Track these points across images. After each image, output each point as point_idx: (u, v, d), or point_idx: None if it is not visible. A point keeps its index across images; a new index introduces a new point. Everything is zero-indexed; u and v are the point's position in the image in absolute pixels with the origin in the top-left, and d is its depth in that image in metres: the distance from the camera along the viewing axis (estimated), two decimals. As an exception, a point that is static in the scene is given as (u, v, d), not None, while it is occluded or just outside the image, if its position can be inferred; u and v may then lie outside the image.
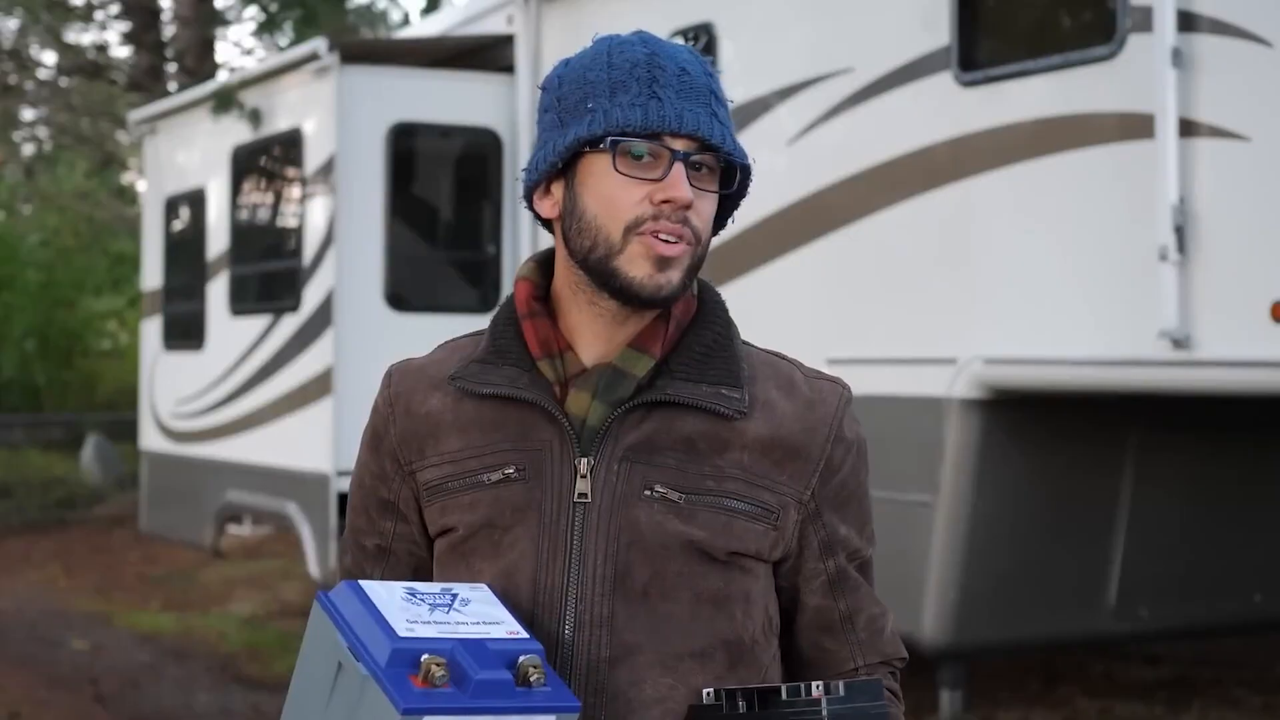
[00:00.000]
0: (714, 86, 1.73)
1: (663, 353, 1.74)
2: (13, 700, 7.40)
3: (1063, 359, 5.63)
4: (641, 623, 1.69)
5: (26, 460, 17.36)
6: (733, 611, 1.72)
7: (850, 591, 1.80)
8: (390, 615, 1.56)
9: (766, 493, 1.73)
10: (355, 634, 1.56)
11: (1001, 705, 6.81)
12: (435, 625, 1.58)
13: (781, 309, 6.57)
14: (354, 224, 8.61)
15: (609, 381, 1.72)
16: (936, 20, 6.05)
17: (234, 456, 9.89)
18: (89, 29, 17.75)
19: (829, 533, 1.78)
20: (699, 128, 1.68)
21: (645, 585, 1.70)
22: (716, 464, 1.72)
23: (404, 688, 1.50)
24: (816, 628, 1.81)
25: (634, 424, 1.72)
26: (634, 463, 1.71)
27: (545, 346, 1.75)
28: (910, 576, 5.96)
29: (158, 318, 11.28)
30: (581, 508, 1.71)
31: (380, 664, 1.52)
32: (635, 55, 1.72)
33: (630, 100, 1.69)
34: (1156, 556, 6.31)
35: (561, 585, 1.70)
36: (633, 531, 1.70)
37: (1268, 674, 7.48)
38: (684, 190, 1.68)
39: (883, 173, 6.29)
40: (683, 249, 1.70)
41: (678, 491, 1.70)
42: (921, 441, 6.03)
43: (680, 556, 1.70)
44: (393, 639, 1.53)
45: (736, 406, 1.72)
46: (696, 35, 7.23)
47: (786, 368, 1.80)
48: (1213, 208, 5.18)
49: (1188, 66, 5.20)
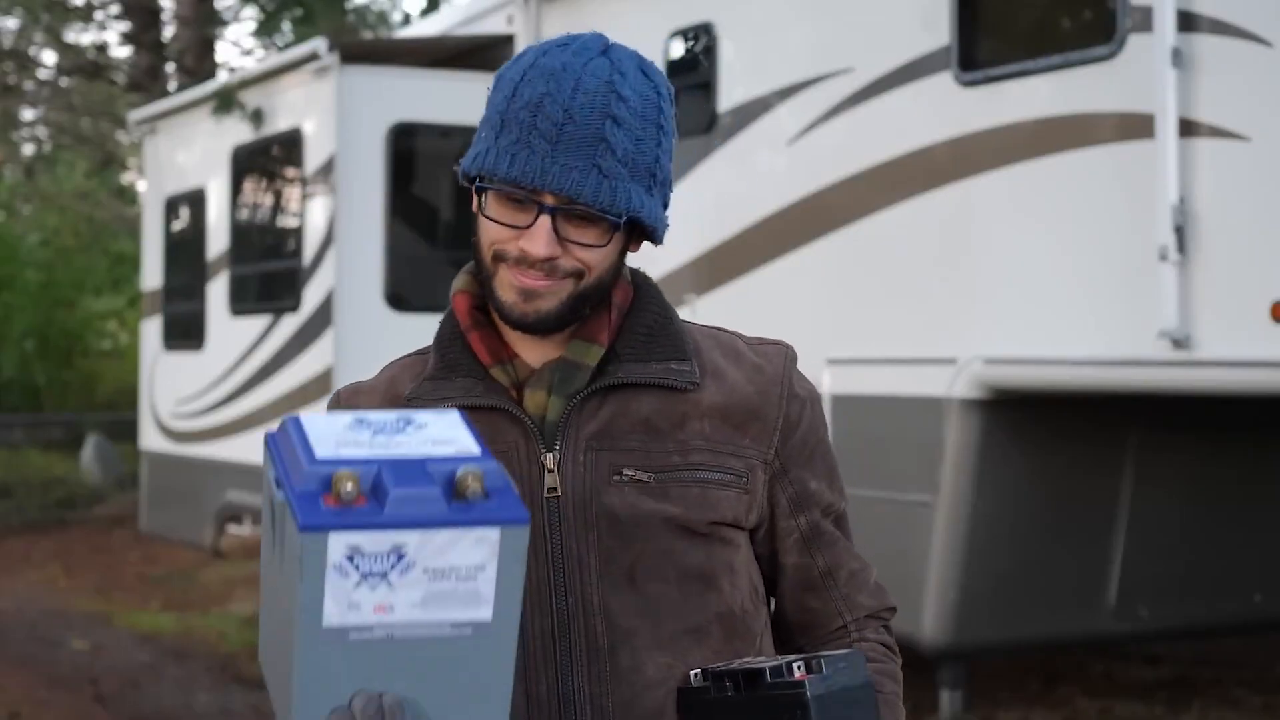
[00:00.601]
0: (607, 133, 1.67)
1: (611, 339, 1.75)
2: (13, 700, 7.40)
3: (1063, 359, 5.63)
4: (634, 606, 1.70)
5: (26, 460, 17.36)
6: (720, 584, 1.74)
7: (827, 547, 1.82)
8: (318, 441, 1.39)
9: (732, 458, 1.74)
10: (284, 465, 1.40)
11: (1001, 705, 6.81)
12: (369, 448, 1.38)
13: (781, 309, 6.57)
14: (354, 224, 8.62)
15: (563, 374, 1.73)
16: (936, 20, 6.05)
17: (234, 456, 9.89)
18: (89, 29, 17.76)
19: (798, 489, 1.79)
20: (564, 185, 1.65)
21: (631, 568, 1.70)
22: (679, 439, 1.73)
23: (309, 506, 1.33)
24: (799, 587, 1.82)
25: (591, 413, 1.73)
26: (599, 450, 1.72)
27: (495, 354, 1.76)
28: (910, 576, 5.96)
29: (158, 318, 11.28)
30: (555, 502, 1.71)
31: (295, 488, 1.35)
32: (532, 93, 1.68)
33: (507, 145, 1.68)
34: (1156, 556, 6.31)
35: (548, 580, 1.70)
36: (609, 517, 1.70)
37: (1268, 674, 7.48)
38: (540, 247, 1.66)
39: (883, 173, 6.29)
40: (547, 284, 1.69)
41: (646, 472, 1.71)
42: (921, 441, 6.03)
43: (660, 535, 1.71)
44: (311, 461, 1.36)
45: (688, 378, 1.73)
46: (696, 35, 7.24)
47: (728, 338, 1.82)
48: (1213, 208, 5.18)
49: (1188, 66, 5.20)
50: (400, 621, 1.35)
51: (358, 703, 1.36)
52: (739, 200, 6.91)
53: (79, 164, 20.02)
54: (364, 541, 1.32)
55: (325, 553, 1.32)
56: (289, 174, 9.54)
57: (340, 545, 1.32)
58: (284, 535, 1.37)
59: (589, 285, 1.71)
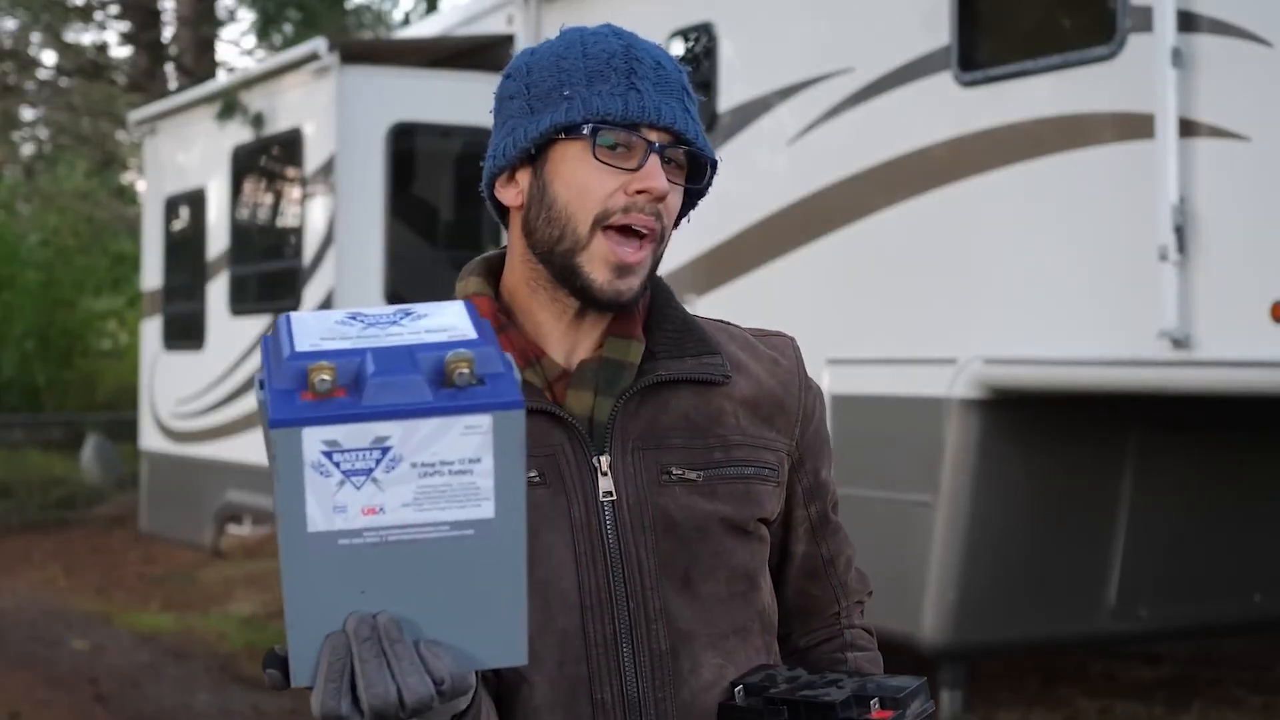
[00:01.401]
0: (685, 83, 1.74)
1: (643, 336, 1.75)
2: (13, 700, 7.40)
3: (1063, 359, 5.63)
4: (690, 608, 1.70)
5: (26, 460, 17.35)
6: (759, 582, 1.75)
7: (831, 535, 1.84)
8: (301, 337, 1.30)
9: (766, 451, 1.75)
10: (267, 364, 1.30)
11: (1001, 705, 6.81)
12: (354, 340, 1.29)
13: (781, 309, 6.57)
14: (354, 224, 8.62)
15: (609, 374, 1.72)
16: (936, 20, 6.05)
17: (234, 456, 9.89)
18: (89, 29, 17.75)
19: (812, 479, 1.82)
20: (675, 121, 1.69)
21: (686, 570, 1.70)
22: (718, 434, 1.73)
23: (282, 402, 1.23)
24: (803, 575, 1.84)
25: (633, 411, 1.72)
26: (645, 450, 1.71)
27: (523, 355, 1.73)
28: (910, 576, 5.96)
29: (158, 318, 11.28)
30: (610, 505, 1.69)
31: (272, 385, 1.26)
32: (611, 46, 1.72)
33: (610, 90, 1.68)
34: (1156, 556, 6.31)
35: (608, 585, 1.68)
36: (665, 520, 1.70)
37: (1268, 674, 7.48)
38: (661, 181, 1.67)
39: (883, 173, 6.29)
40: (644, 255, 1.69)
41: (694, 470, 1.71)
42: (921, 441, 6.03)
43: (713, 536, 1.71)
44: (292, 356, 1.26)
45: (723, 371, 1.74)
46: (697, 35, 7.24)
47: (739, 331, 1.84)
48: (1213, 208, 5.18)
49: (1188, 66, 5.20)
50: (392, 524, 1.24)
51: (350, 623, 1.27)
52: (739, 200, 6.90)
53: (79, 164, 20.01)
54: (341, 435, 1.22)
55: (300, 450, 1.22)
56: (289, 174, 9.54)
57: (315, 440, 1.22)
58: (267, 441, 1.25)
59: (660, 251, 1.72)
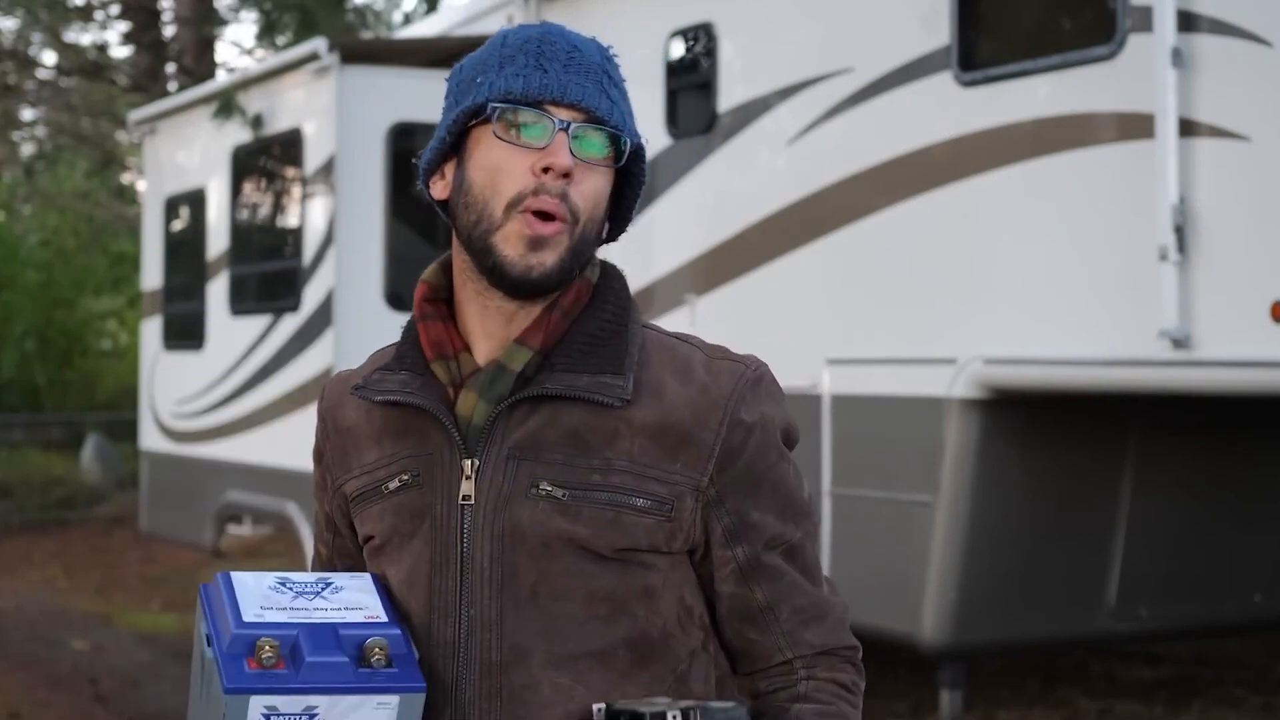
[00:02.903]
0: (609, 69, 1.70)
1: (547, 344, 1.70)
2: (13, 700, 7.40)
3: (1063, 359, 5.62)
4: (533, 624, 1.66)
5: (26, 460, 17.36)
6: (633, 609, 1.68)
7: (767, 580, 1.72)
8: (244, 603, 1.60)
9: (655, 484, 1.67)
10: (214, 622, 1.60)
11: (1001, 705, 6.81)
12: (289, 611, 1.59)
13: (781, 309, 6.57)
14: (354, 224, 8.62)
15: (491, 379, 1.70)
16: (936, 20, 6.05)
17: (234, 456, 9.89)
18: (89, 29, 17.75)
19: (735, 520, 1.70)
20: (583, 99, 1.65)
21: (534, 586, 1.66)
22: (605, 456, 1.67)
23: (234, 669, 1.54)
24: (737, 617, 1.74)
25: (520, 420, 1.69)
26: (520, 460, 1.68)
27: (438, 348, 1.73)
28: (910, 576, 5.95)
29: (158, 318, 11.28)
30: (468, 509, 1.68)
31: (222, 649, 1.56)
32: (527, 34, 1.71)
33: (515, 71, 1.67)
34: (1156, 556, 6.30)
35: (455, 589, 1.68)
36: (515, 532, 1.66)
37: (1268, 674, 7.48)
38: (563, 157, 1.63)
39: (883, 173, 6.29)
40: (557, 228, 1.65)
41: (562, 488, 1.66)
42: (921, 441, 6.03)
43: (566, 555, 1.66)
44: (238, 625, 1.56)
45: (618, 395, 1.66)
46: (696, 35, 7.24)
47: (686, 350, 1.73)
48: (1213, 208, 5.18)
49: (1188, 66, 5.20)
50: None
51: None
52: (739, 200, 6.90)
53: (79, 164, 20.01)
54: (280, 703, 1.54)
55: (246, 712, 1.53)
56: (289, 174, 9.54)
57: (259, 706, 1.54)
58: (210, 687, 1.58)
59: (581, 237, 1.67)
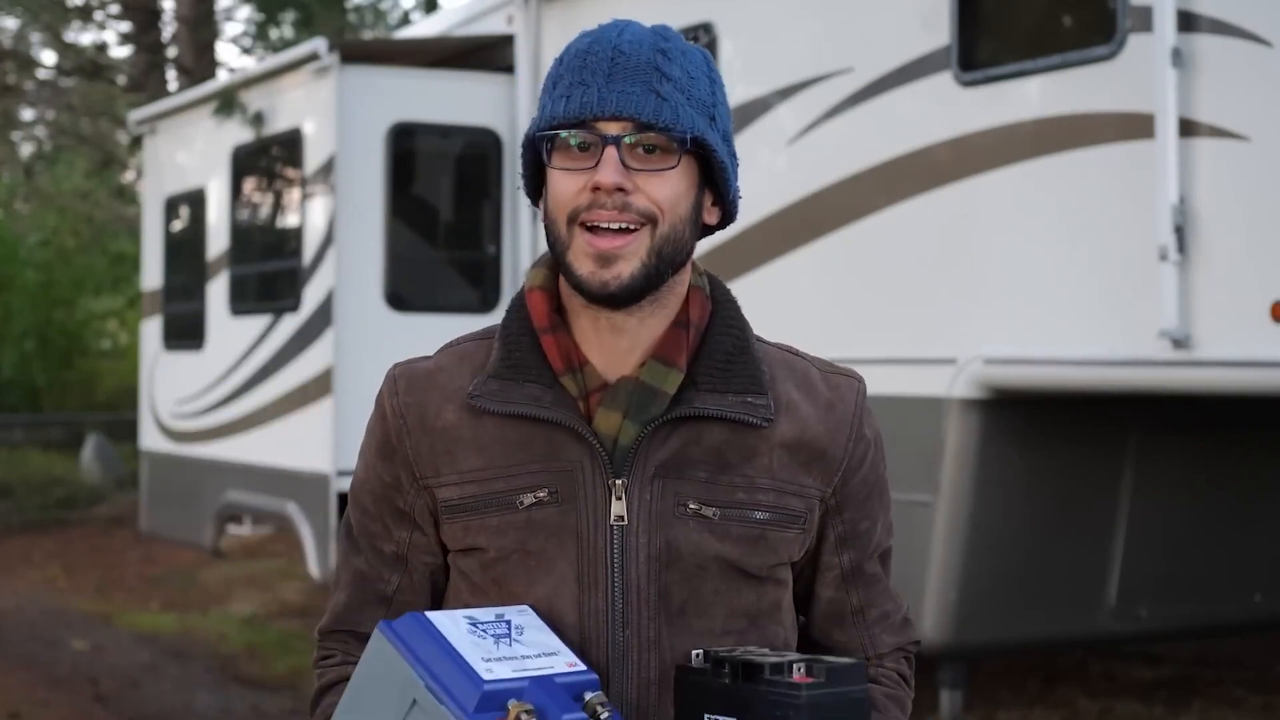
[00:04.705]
0: (659, 62, 1.65)
1: (686, 363, 1.70)
2: (13, 700, 7.40)
3: (1063, 359, 5.62)
4: (681, 642, 1.68)
5: (26, 460, 17.35)
6: (764, 624, 1.72)
7: (865, 586, 1.79)
8: (467, 654, 1.57)
9: (794, 499, 1.71)
10: (433, 673, 1.57)
11: (1001, 705, 6.81)
12: (506, 662, 1.58)
13: (781, 309, 6.57)
14: (354, 224, 8.61)
15: (640, 400, 1.68)
16: (936, 20, 6.05)
17: (234, 456, 9.88)
18: (89, 29, 17.74)
19: (848, 528, 1.77)
20: (624, 108, 1.62)
21: (683, 604, 1.68)
22: (746, 473, 1.69)
23: None
24: (829, 619, 1.80)
25: (662, 440, 1.68)
26: (665, 479, 1.68)
27: (567, 361, 1.70)
28: (910, 576, 5.95)
29: (158, 318, 11.28)
30: (619, 530, 1.67)
31: (468, 710, 1.54)
32: (577, 47, 1.70)
33: (560, 92, 1.66)
34: (1156, 556, 6.30)
35: (606, 609, 1.67)
36: (671, 552, 1.67)
37: (1268, 674, 7.48)
38: (608, 174, 1.61)
39: (883, 173, 6.29)
40: (623, 241, 1.63)
41: (711, 507, 1.67)
42: (921, 441, 6.03)
43: (717, 575, 1.68)
44: (477, 683, 1.55)
45: (764, 414, 1.69)
46: (696, 35, 7.23)
47: (802, 365, 1.78)
48: (1213, 208, 5.18)
49: (1188, 66, 5.20)
50: None
51: None
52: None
53: (79, 164, 20.00)
54: None
55: None
56: (289, 174, 9.53)
57: None
58: None
59: (664, 236, 1.64)
